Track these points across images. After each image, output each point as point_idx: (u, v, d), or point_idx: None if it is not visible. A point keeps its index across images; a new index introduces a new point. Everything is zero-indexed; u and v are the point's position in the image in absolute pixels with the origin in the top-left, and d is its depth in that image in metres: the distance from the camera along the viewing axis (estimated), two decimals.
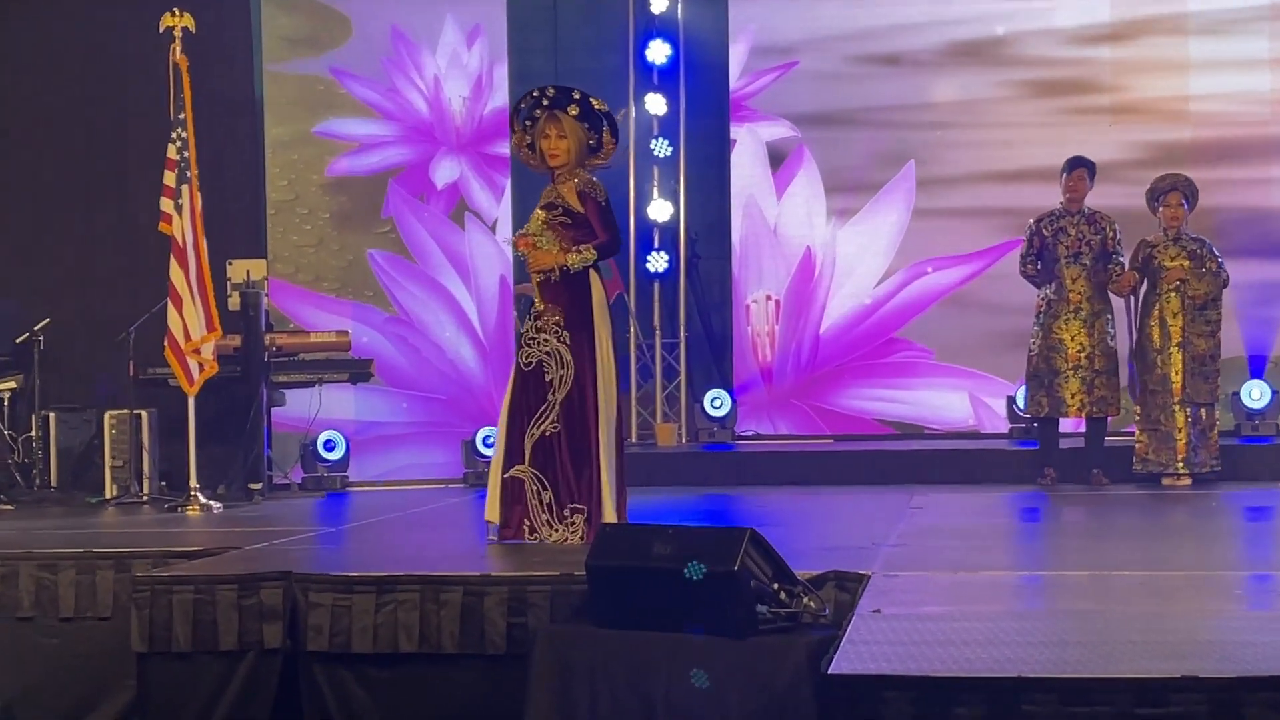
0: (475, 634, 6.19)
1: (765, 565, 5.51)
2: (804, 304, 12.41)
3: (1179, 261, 10.22)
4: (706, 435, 12.21)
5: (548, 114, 7.52)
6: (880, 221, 12.34)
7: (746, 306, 12.48)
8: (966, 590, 5.89)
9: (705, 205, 12.71)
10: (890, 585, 5.90)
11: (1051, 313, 10.35)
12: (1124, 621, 5.08)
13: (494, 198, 11.79)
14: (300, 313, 11.43)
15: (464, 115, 11.78)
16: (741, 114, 12.51)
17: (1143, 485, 10.12)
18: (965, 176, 12.28)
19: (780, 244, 12.44)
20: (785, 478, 10.92)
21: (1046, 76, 12.24)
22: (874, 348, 12.35)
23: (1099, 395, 10.27)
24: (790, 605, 5.48)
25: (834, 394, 12.38)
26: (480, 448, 11.27)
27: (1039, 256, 10.43)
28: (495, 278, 11.73)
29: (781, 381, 12.43)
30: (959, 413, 12.21)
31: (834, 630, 5.27)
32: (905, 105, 12.35)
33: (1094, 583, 6.13)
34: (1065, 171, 10.44)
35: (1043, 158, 11.35)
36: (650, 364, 12.57)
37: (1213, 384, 10.18)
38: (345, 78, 11.59)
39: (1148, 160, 11.70)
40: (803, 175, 12.42)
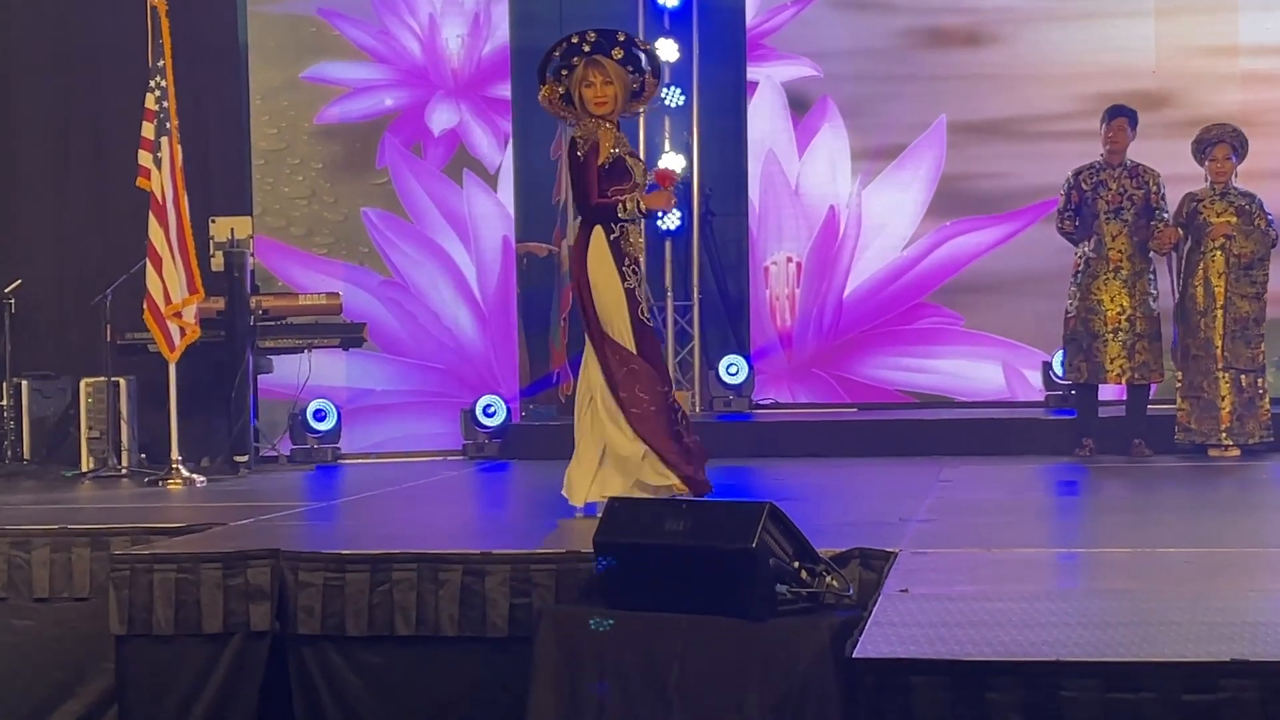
0: (476, 615, 6.18)
1: (785, 542, 5.49)
2: (827, 266, 12.38)
3: (1226, 217, 10.18)
4: (722, 404, 12.20)
5: (588, 60, 7.46)
6: (910, 179, 12.31)
7: (765, 268, 12.45)
8: (1000, 568, 5.87)
9: (720, 158, 12.68)
10: (918, 563, 5.89)
11: (1090, 272, 10.30)
12: (1169, 602, 5.06)
13: (497, 144, 11.75)
14: (289, 272, 11.40)
15: (461, 56, 11.73)
16: (759, 53, 12.44)
17: (1187, 457, 10.10)
18: (996, 129, 12.22)
19: (802, 203, 12.40)
20: (806, 449, 10.91)
21: (1084, 13, 12.17)
22: (900, 313, 12.32)
23: (1141, 360, 10.24)
24: (812, 584, 5.46)
25: (858, 362, 12.36)
26: (481, 417, 11.27)
27: (1077, 212, 10.38)
28: (497, 239, 11.69)
29: (802, 348, 12.41)
30: (991, 383, 12.19)
31: (859, 611, 5.25)
32: (928, 44, 12.28)
33: (1136, 560, 6.11)
34: (1105, 121, 10.38)
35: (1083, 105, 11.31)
36: (661, 328, 12.54)
37: (1255, 349, 10.13)
38: (335, 18, 11.54)
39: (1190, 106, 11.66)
40: (827, 129, 12.38)
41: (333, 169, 11.53)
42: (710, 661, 5.36)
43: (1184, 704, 4.11)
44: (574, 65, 7.47)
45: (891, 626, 4.72)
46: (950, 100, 12.27)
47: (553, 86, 7.53)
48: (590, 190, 7.38)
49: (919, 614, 4.91)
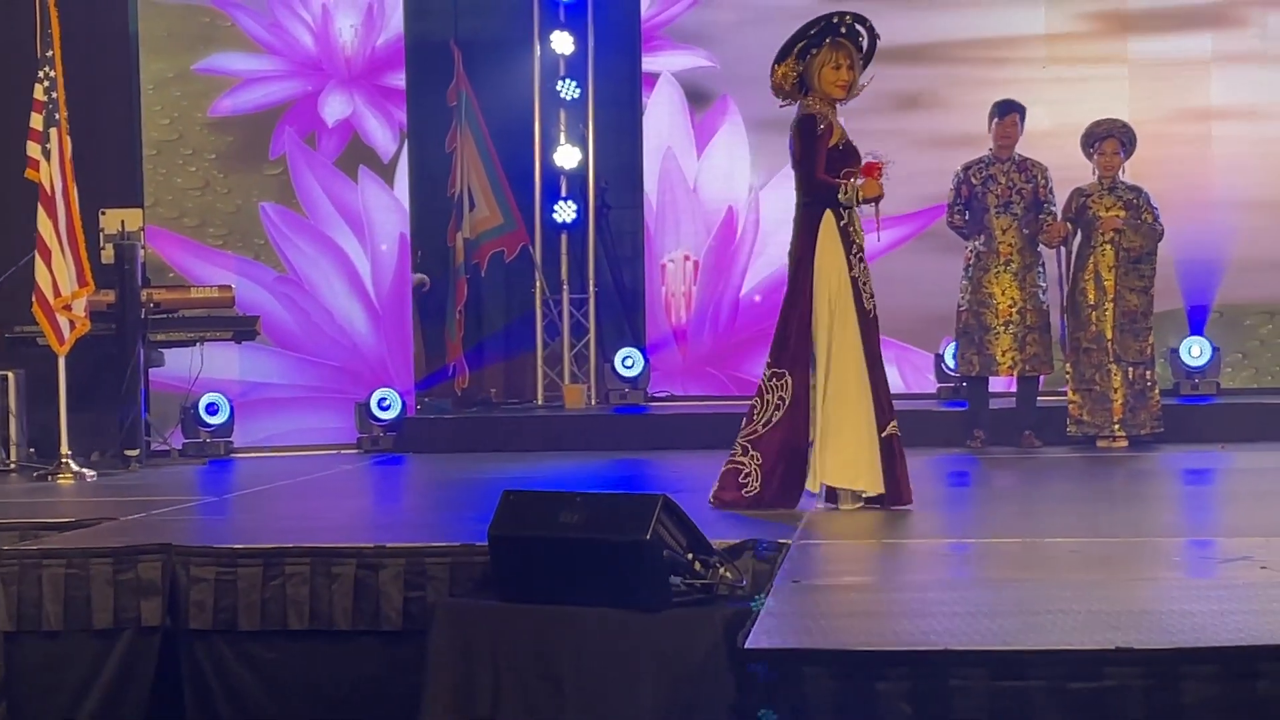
0: (370, 609, 6.17)
1: (679, 534, 5.52)
2: (724, 266, 12.43)
3: (1115, 212, 10.32)
4: (617, 396, 12.22)
5: (836, 42, 7.44)
6: None
7: (663, 265, 12.48)
8: (891, 559, 5.94)
9: (617, 151, 12.69)
10: (811, 554, 5.94)
11: (981, 266, 10.42)
12: (1057, 591, 5.13)
13: (392, 135, 11.69)
14: (183, 262, 11.30)
15: (355, 46, 11.67)
16: (654, 44, 12.45)
17: (1076, 448, 10.23)
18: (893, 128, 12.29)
19: (700, 201, 12.44)
20: (702, 441, 10.89)
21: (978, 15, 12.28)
22: None
23: (1031, 353, 10.36)
24: (705, 576, 5.49)
25: (752, 362, 12.37)
26: (376, 411, 11.23)
27: (967, 206, 10.49)
28: (392, 232, 11.64)
29: (697, 345, 12.45)
30: None
31: (751, 602, 5.27)
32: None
33: (1026, 550, 6.19)
34: (996, 116, 10.49)
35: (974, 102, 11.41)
36: (557, 321, 12.56)
37: (1144, 341, 10.29)
38: (229, 7, 11.44)
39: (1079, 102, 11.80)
40: (726, 128, 12.41)
41: (226, 160, 11.44)
42: (604, 653, 5.37)
43: (1070, 692, 4.17)
44: (823, 46, 7.42)
45: (783, 617, 4.76)
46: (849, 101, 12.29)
47: (793, 65, 7.49)
48: (818, 165, 7.37)
49: (811, 605, 4.95)
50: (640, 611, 5.35)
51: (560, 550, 5.52)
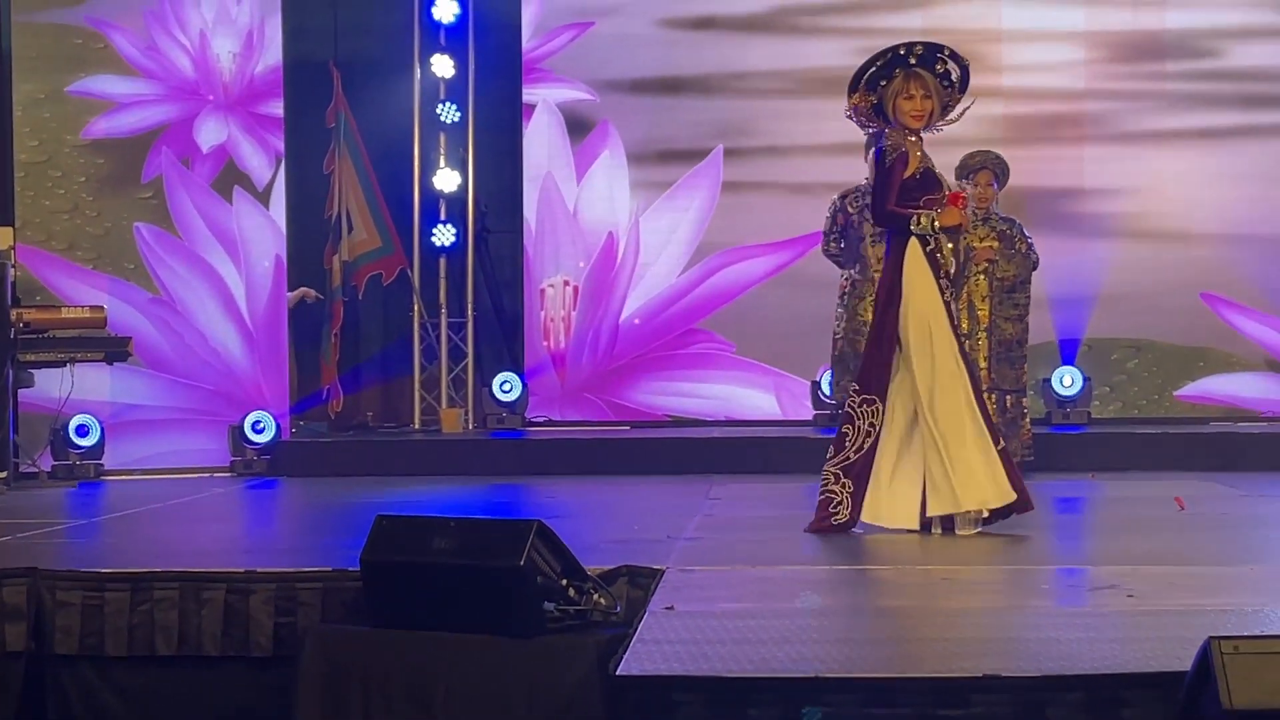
0: (239, 635, 6.10)
1: (553, 560, 5.50)
2: (604, 291, 12.43)
3: (988, 242, 10.41)
4: (495, 421, 12.18)
5: (909, 72, 7.42)
6: (686, 206, 12.41)
7: (542, 290, 12.46)
8: (764, 585, 5.94)
9: (496, 176, 12.67)
10: (685, 581, 5.93)
11: (856, 294, 10.47)
12: (928, 618, 5.17)
13: (267, 161, 11.59)
14: (55, 281, 11.12)
15: (233, 73, 11.57)
16: (535, 76, 12.48)
17: None
18: (775, 151, 12.39)
19: (580, 227, 12.45)
20: (578, 467, 10.94)
21: (858, 46, 12.37)
22: (673, 339, 12.42)
23: None
24: (579, 603, 5.48)
25: (629, 387, 12.43)
26: (250, 433, 11.12)
27: (843, 235, 10.54)
28: (267, 255, 11.53)
29: (576, 371, 12.45)
30: (761, 409, 12.34)
31: (625, 629, 5.28)
32: (716, 74, 12.42)
33: (897, 577, 6.22)
34: (872, 148, 10.55)
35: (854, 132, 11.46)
36: (435, 344, 12.50)
37: (1019, 370, 10.39)
38: (104, 28, 11.30)
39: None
40: (606, 155, 12.44)
41: (97, 183, 11.28)
42: (477, 680, 5.34)
43: (939, 718, 4.19)
44: (894, 76, 7.42)
45: (656, 644, 4.75)
46: (728, 131, 12.40)
47: (864, 96, 7.48)
48: (888, 198, 7.37)
49: (684, 631, 4.95)
50: (513, 638, 5.33)
51: (433, 576, 5.49)
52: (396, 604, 5.57)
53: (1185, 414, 12.11)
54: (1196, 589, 5.90)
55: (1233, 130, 12.27)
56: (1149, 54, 12.30)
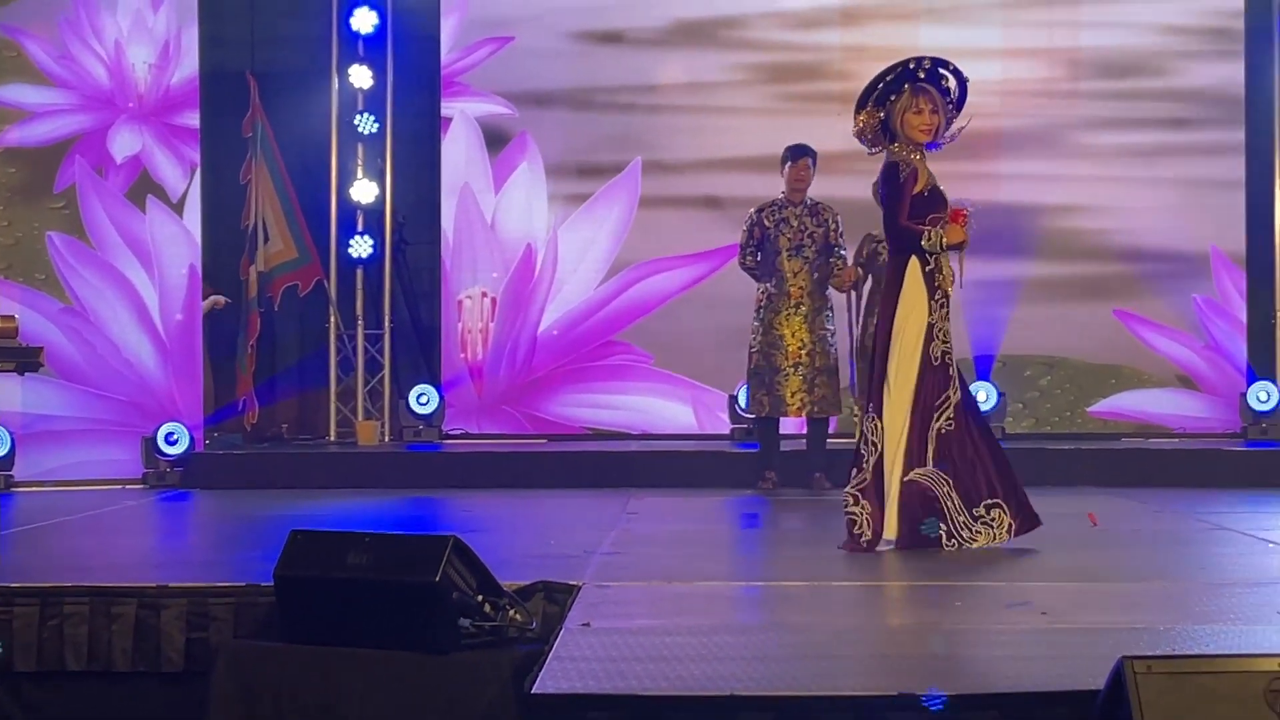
0: (150, 650, 6.04)
1: (469, 576, 5.48)
2: (522, 303, 12.41)
3: None
4: (411, 434, 12.13)
5: (917, 86, 7.43)
6: (604, 218, 12.41)
7: (459, 302, 12.42)
8: (681, 602, 5.93)
9: (414, 187, 12.62)
10: (602, 596, 5.92)
11: (772, 308, 10.50)
12: (843, 635, 5.17)
13: (182, 172, 11.49)
14: None
15: (149, 83, 11.46)
16: (454, 90, 12.45)
17: None
18: (692, 165, 12.42)
19: (498, 238, 12.42)
20: (496, 480, 10.90)
21: (775, 60, 12.44)
22: (591, 350, 12.41)
23: (820, 394, 10.46)
24: (495, 619, 5.46)
25: (547, 399, 12.41)
26: (163, 445, 11.01)
27: (759, 248, 10.57)
28: (181, 265, 11.42)
29: (493, 383, 12.41)
30: (678, 421, 12.35)
31: (541, 645, 5.26)
32: (630, 87, 12.44)
33: (814, 594, 6.23)
34: (789, 160, 10.59)
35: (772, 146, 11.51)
36: (351, 356, 12.43)
37: None
38: (18, 35, 11.16)
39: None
40: (525, 167, 12.43)
41: (9, 192, 11.13)
42: (392, 696, 5.30)
43: None
44: (902, 91, 7.42)
45: (572, 661, 4.73)
46: (645, 143, 12.41)
47: (873, 113, 7.48)
48: (901, 212, 7.39)
49: (600, 648, 4.93)
50: (428, 654, 5.30)
51: (348, 591, 5.45)
52: (310, 620, 5.53)
53: (1098, 430, 12.21)
54: (1109, 606, 5.94)
55: (1147, 149, 12.39)
56: (1064, 73, 12.41)
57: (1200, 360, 12.34)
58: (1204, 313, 12.32)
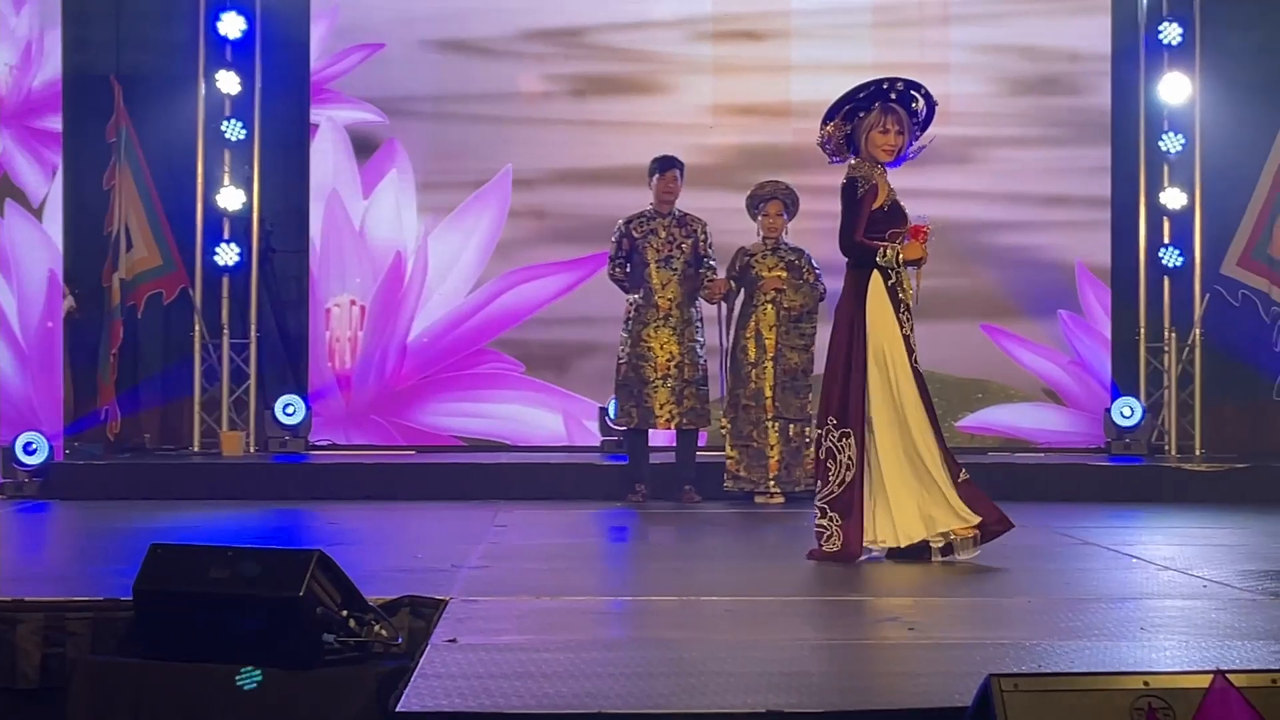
0: (5, 666, 5.90)
1: (334, 591, 5.41)
2: (391, 312, 12.31)
3: (777, 272, 10.50)
4: (277, 444, 11.99)
5: (886, 106, 7.54)
6: (474, 225, 12.35)
7: (327, 310, 12.31)
8: (549, 617, 5.89)
9: (283, 195, 12.50)
10: (469, 612, 5.87)
11: (640, 319, 10.50)
12: (712, 651, 5.15)
13: (44, 176, 11.31)
14: None
15: (9, 85, 11.26)
16: (323, 97, 12.34)
17: (734, 503, 10.36)
18: (563, 174, 12.39)
19: (367, 246, 12.32)
20: (363, 492, 10.80)
21: (646, 71, 12.44)
22: (462, 359, 12.33)
23: (689, 406, 10.47)
24: (360, 634, 5.39)
25: (416, 409, 12.32)
26: (21, 455, 10.81)
27: (628, 259, 10.57)
28: (41, 271, 11.22)
29: (362, 392, 12.31)
30: (549, 430, 12.32)
31: (407, 661, 5.20)
32: (499, 95, 12.39)
33: (683, 609, 6.21)
34: (657, 172, 10.59)
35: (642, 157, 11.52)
36: (216, 366, 12.27)
37: (804, 399, 10.48)
38: None
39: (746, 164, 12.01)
40: (394, 173, 12.34)
41: None
42: (253, 713, 5.22)
43: None
44: (872, 109, 7.51)
45: (438, 679, 4.68)
46: (516, 151, 12.37)
47: (840, 126, 7.56)
48: (857, 229, 7.47)
49: (466, 665, 4.88)
50: (291, 670, 5.22)
51: (210, 606, 5.37)
52: (170, 635, 5.43)
53: (966, 444, 12.29)
54: (976, 622, 5.98)
55: (1015, 166, 12.52)
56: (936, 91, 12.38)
57: (1066, 375, 12.48)
58: (1070, 329, 12.47)
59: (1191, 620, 5.95)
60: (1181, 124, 12.44)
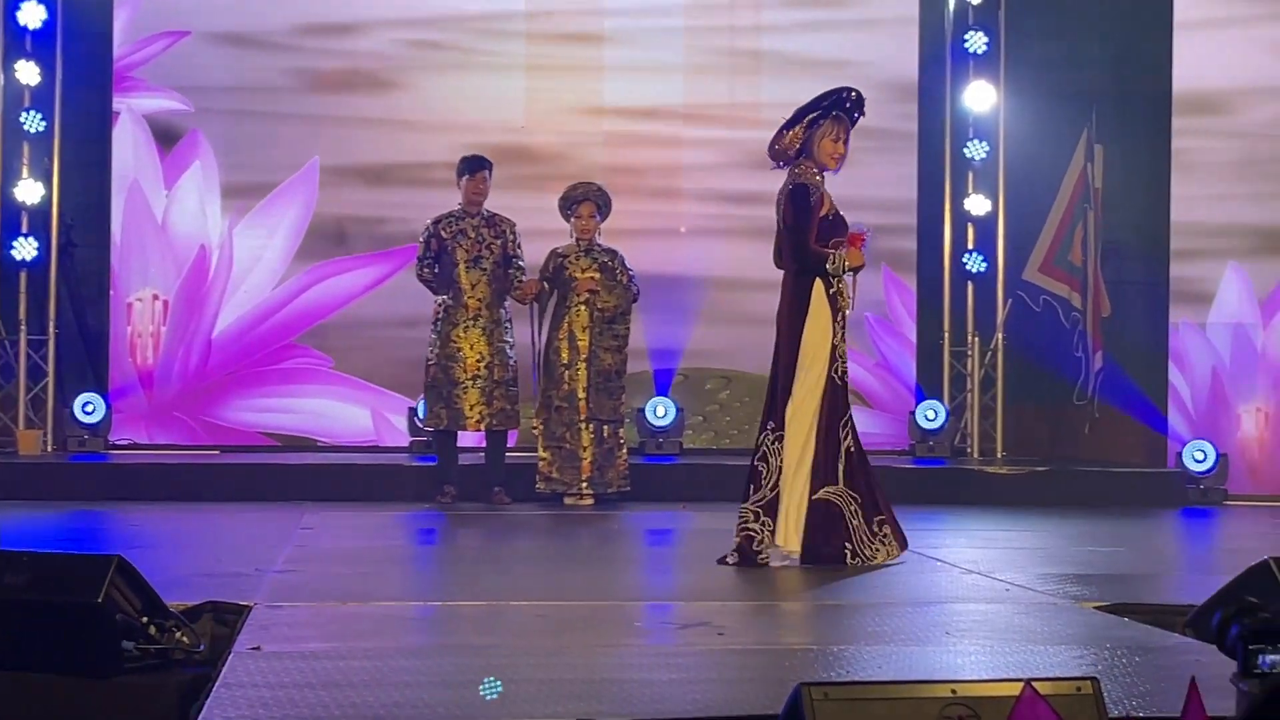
0: None
1: (134, 597, 5.28)
2: (196, 306, 12.08)
3: (590, 273, 10.49)
4: (76, 444, 11.70)
5: (838, 117, 7.67)
6: (281, 219, 12.17)
7: (129, 305, 12.05)
8: (356, 623, 5.82)
9: (84, 189, 12.20)
10: (274, 618, 5.77)
11: (450, 320, 10.43)
12: (521, 658, 5.11)
13: None
14: None
15: None
16: (126, 85, 12.08)
17: (545, 505, 10.32)
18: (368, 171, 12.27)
19: (170, 239, 12.08)
20: (165, 493, 10.59)
21: (456, 68, 12.35)
22: (269, 354, 12.15)
23: (499, 408, 10.42)
24: (161, 641, 5.26)
25: (222, 405, 12.11)
26: None
27: (437, 260, 10.49)
28: None
29: (165, 389, 12.06)
30: (358, 426, 12.18)
31: (209, 669, 5.09)
32: (305, 85, 12.23)
33: (491, 614, 6.17)
34: (466, 172, 10.52)
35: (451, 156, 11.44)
36: (13, 363, 11.95)
37: (617, 400, 10.49)
38: None
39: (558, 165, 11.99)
40: (197, 165, 12.11)
41: None
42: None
43: None
44: (829, 117, 7.59)
45: (241, 688, 4.58)
46: (323, 143, 12.22)
47: (800, 132, 7.62)
48: (811, 235, 7.56)
49: (270, 673, 4.79)
50: (89, 678, 5.09)
51: (3, 613, 5.20)
52: None
53: None
54: (785, 626, 6.02)
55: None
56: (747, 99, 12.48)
57: (871, 378, 12.61)
58: (875, 331, 12.61)
59: (995, 625, 6.03)
60: (986, 132, 12.64)
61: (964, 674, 4.93)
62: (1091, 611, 6.26)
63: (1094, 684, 3.82)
